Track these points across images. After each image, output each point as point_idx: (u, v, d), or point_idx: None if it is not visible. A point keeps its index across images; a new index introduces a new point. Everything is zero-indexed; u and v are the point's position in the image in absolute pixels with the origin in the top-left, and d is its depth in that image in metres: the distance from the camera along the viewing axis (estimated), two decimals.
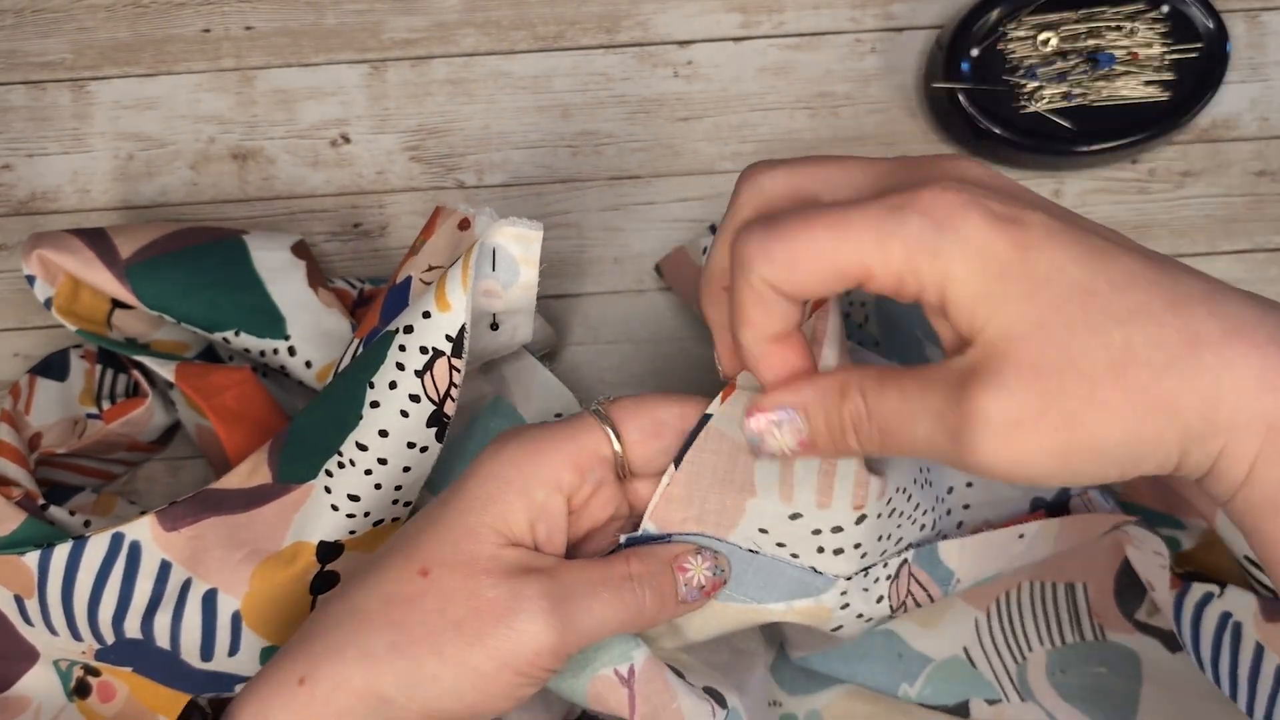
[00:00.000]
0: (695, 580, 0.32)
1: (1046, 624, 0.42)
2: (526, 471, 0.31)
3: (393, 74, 0.50)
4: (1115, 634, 0.42)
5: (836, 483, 0.32)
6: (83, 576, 0.39)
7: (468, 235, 0.39)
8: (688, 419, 0.32)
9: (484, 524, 0.30)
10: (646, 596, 0.31)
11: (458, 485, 0.32)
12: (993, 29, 0.47)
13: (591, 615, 0.30)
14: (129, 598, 0.39)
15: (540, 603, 0.29)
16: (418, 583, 0.30)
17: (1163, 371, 0.23)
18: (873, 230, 0.24)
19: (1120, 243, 0.25)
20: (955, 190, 0.24)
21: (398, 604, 0.30)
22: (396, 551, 0.31)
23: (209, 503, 0.39)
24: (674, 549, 0.32)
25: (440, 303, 0.36)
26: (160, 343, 0.45)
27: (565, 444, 0.31)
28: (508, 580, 0.30)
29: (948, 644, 0.42)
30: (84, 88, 0.50)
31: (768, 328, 0.27)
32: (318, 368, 0.43)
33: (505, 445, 0.32)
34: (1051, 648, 0.42)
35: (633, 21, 0.50)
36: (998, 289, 0.24)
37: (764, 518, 0.32)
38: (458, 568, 0.30)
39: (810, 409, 0.27)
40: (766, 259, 0.25)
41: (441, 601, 0.29)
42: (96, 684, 0.42)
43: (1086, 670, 0.42)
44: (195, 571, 0.38)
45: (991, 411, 0.24)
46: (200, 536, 0.39)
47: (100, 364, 0.46)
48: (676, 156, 0.50)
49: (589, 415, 0.32)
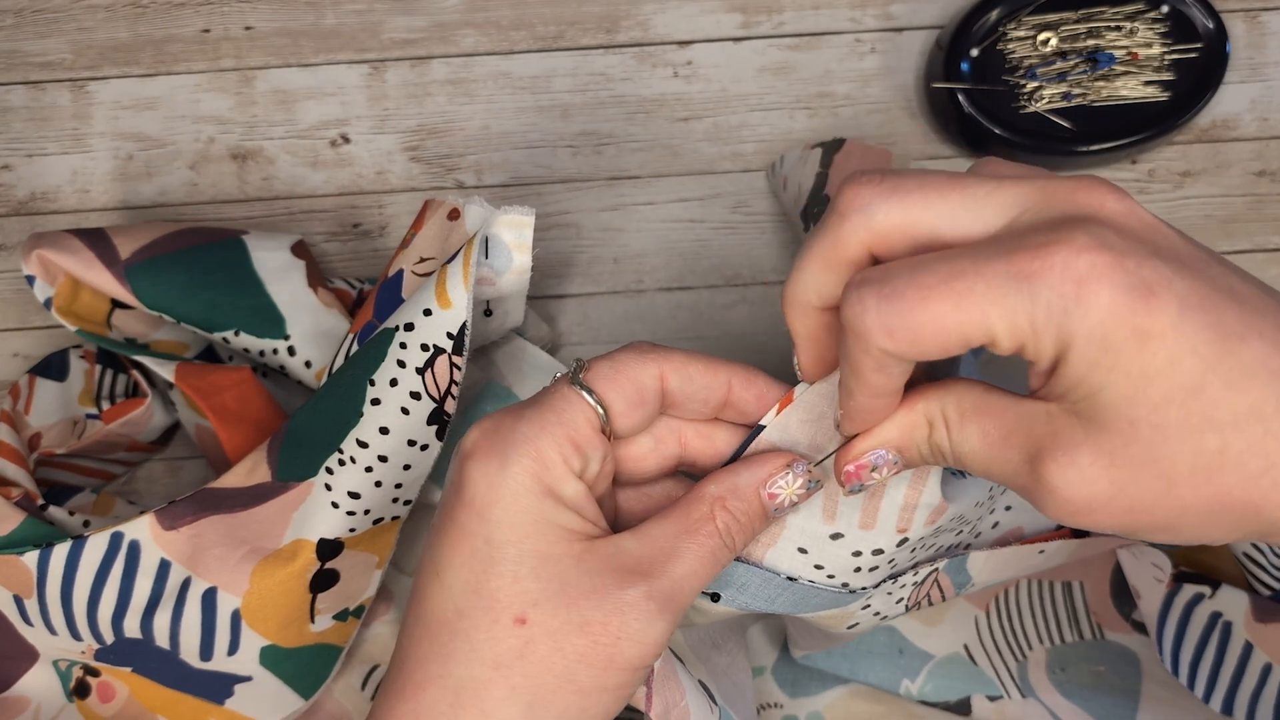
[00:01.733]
0: (786, 502, 0.30)
1: (1045, 622, 0.42)
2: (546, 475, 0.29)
3: (392, 74, 0.50)
4: (1114, 633, 0.42)
5: (883, 506, 0.31)
6: (82, 576, 0.39)
7: (458, 225, 0.39)
8: (670, 375, 0.30)
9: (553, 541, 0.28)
10: (736, 539, 0.30)
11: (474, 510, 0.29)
12: (992, 29, 0.47)
13: (692, 590, 0.29)
14: (128, 597, 0.39)
15: (649, 606, 0.28)
16: (519, 634, 0.28)
17: (1256, 478, 0.23)
18: (1000, 303, 0.23)
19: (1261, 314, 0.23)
20: (1092, 252, 0.22)
21: (511, 664, 0.28)
22: (467, 612, 0.28)
23: (208, 501, 0.39)
24: (760, 469, 0.30)
25: (441, 300, 0.35)
26: (160, 343, 0.45)
27: (561, 428, 0.29)
28: (610, 595, 0.28)
29: (948, 641, 0.43)
30: (83, 88, 0.50)
31: (887, 388, 0.26)
32: (317, 367, 0.43)
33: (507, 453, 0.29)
34: (1051, 645, 0.42)
35: (632, 21, 0.50)
36: (1104, 373, 0.23)
37: (804, 536, 0.31)
38: (554, 601, 0.28)
39: (903, 447, 0.27)
40: (887, 335, 0.23)
41: (554, 642, 0.28)
42: (96, 684, 0.42)
43: (1086, 668, 0.42)
44: (194, 570, 0.38)
45: (1061, 485, 0.24)
46: (199, 535, 0.38)
47: (100, 364, 0.46)
48: (676, 156, 0.50)
49: (570, 389, 0.29)
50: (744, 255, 0.50)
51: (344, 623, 0.41)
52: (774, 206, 0.50)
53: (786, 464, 0.30)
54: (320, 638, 0.41)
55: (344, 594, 0.40)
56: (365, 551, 0.40)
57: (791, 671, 0.43)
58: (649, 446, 0.31)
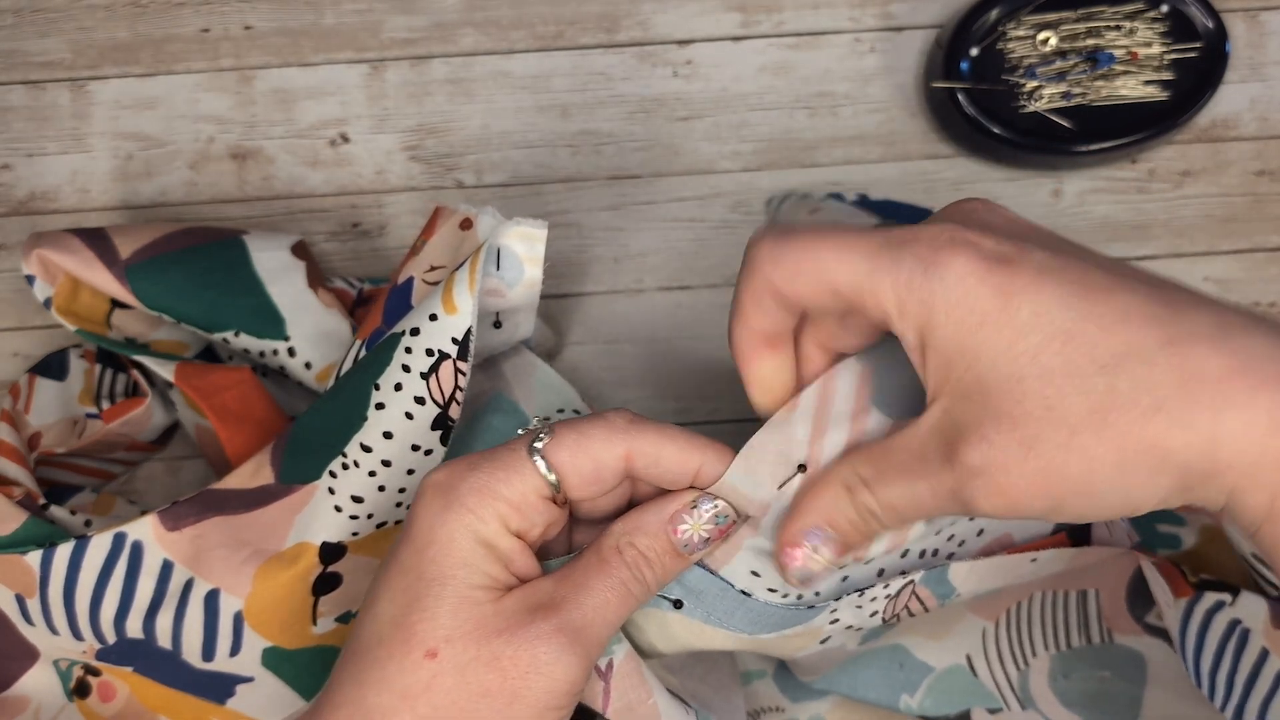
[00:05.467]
0: (695, 538, 0.30)
1: (1054, 630, 0.41)
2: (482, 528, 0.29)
3: (392, 74, 0.50)
4: (1123, 637, 0.41)
5: None
6: (85, 576, 0.39)
7: (470, 235, 0.39)
8: (630, 461, 0.30)
9: (472, 588, 0.29)
10: (649, 578, 0.30)
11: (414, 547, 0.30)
12: (992, 29, 0.47)
13: (605, 623, 0.30)
14: (131, 597, 0.38)
15: (558, 639, 0.29)
16: (428, 667, 0.29)
17: (1150, 414, 0.23)
18: (870, 260, 0.25)
19: (1127, 278, 0.24)
20: (951, 230, 0.25)
21: (417, 695, 0.28)
22: (386, 642, 0.29)
23: (211, 503, 0.39)
24: (666, 507, 0.31)
25: (447, 305, 0.35)
26: (160, 343, 0.45)
27: (508, 489, 0.30)
28: (520, 631, 0.29)
29: (950, 653, 0.42)
30: (83, 87, 0.50)
31: (760, 325, 0.28)
32: (317, 369, 0.43)
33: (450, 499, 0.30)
34: (1056, 652, 0.41)
35: (632, 21, 0.50)
36: (975, 342, 0.24)
37: (758, 561, 0.32)
38: (467, 638, 0.29)
39: (832, 520, 0.28)
40: (773, 262, 0.27)
41: (461, 676, 0.28)
42: (96, 684, 0.42)
43: (1090, 674, 0.41)
44: (197, 571, 0.38)
45: (976, 462, 0.25)
46: (202, 536, 0.38)
47: (100, 364, 0.46)
48: (676, 156, 0.50)
49: (525, 455, 0.30)
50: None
51: (346, 625, 0.41)
52: None
53: (692, 501, 0.30)
54: (322, 640, 0.41)
55: (347, 597, 0.40)
56: (368, 555, 0.40)
57: (792, 677, 0.43)
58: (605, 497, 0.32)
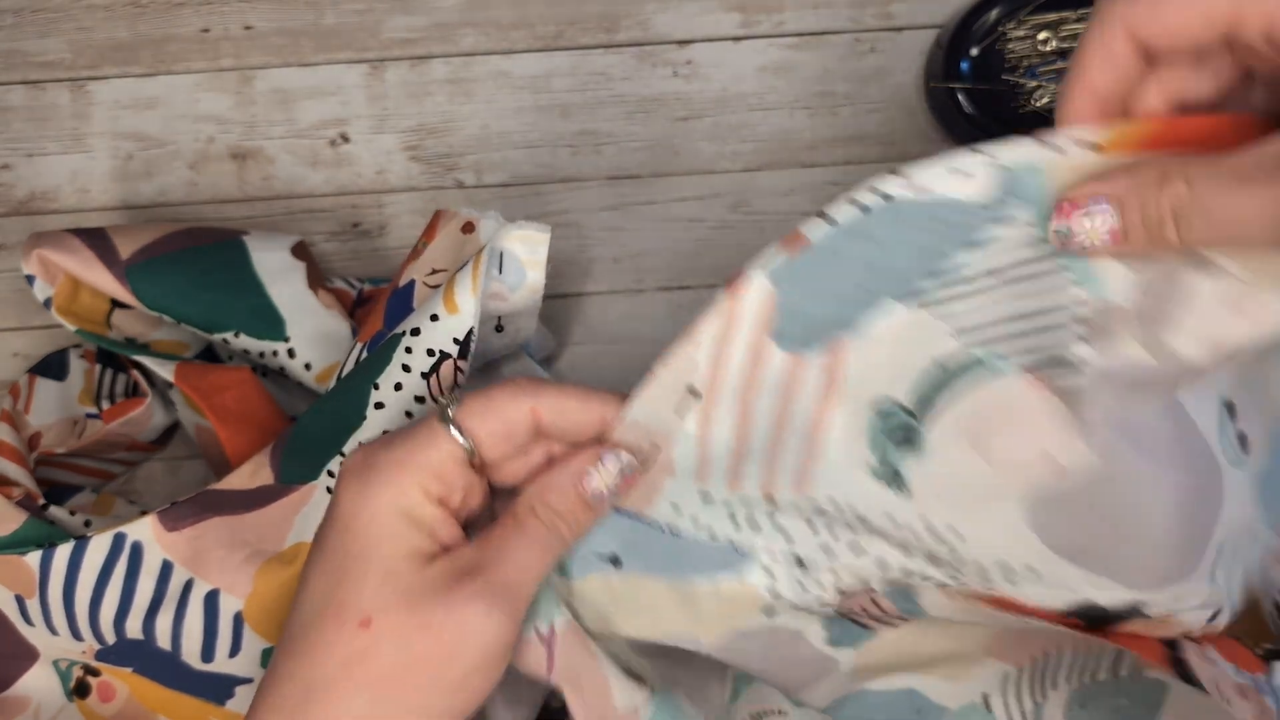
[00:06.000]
0: (599, 487, 0.32)
1: (1080, 670, 0.37)
2: (403, 499, 0.31)
3: (392, 74, 0.50)
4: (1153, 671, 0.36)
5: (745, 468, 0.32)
6: (84, 576, 0.39)
7: (472, 239, 0.40)
8: (543, 410, 0.32)
9: (397, 558, 0.30)
10: (564, 532, 0.32)
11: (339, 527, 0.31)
12: (992, 29, 0.47)
13: (528, 580, 0.31)
14: (130, 598, 0.39)
15: (485, 600, 0.30)
16: (364, 636, 0.30)
17: None
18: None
19: None
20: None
21: (355, 663, 0.30)
22: (321, 616, 0.30)
23: (210, 503, 0.39)
24: (573, 463, 0.32)
25: (449, 305, 0.36)
26: (159, 343, 0.45)
27: (424, 457, 0.31)
28: (448, 595, 0.30)
29: (968, 692, 0.39)
30: (83, 87, 0.50)
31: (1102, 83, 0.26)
32: (317, 370, 0.43)
33: (368, 476, 0.31)
34: (1080, 685, 0.38)
35: (632, 21, 0.50)
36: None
37: (679, 496, 0.33)
38: (397, 607, 0.30)
39: (1125, 199, 0.26)
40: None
41: (396, 642, 0.30)
42: (96, 684, 0.42)
43: (1107, 703, 0.37)
44: (196, 572, 0.38)
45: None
46: (201, 537, 0.39)
47: (100, 364, 0.46)
48: (676, 156, 0.50)
49: (437, 425, 0.31)
50: (744, 255, 0.49)
51: None
52: (773, 206, 0.50)
53: (597, 457, 0.32)
54: None
55: None
56: None
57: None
58: (520, 461, 0.33)
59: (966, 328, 0.30)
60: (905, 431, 0.31)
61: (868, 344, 0.30)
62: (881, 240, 0.30)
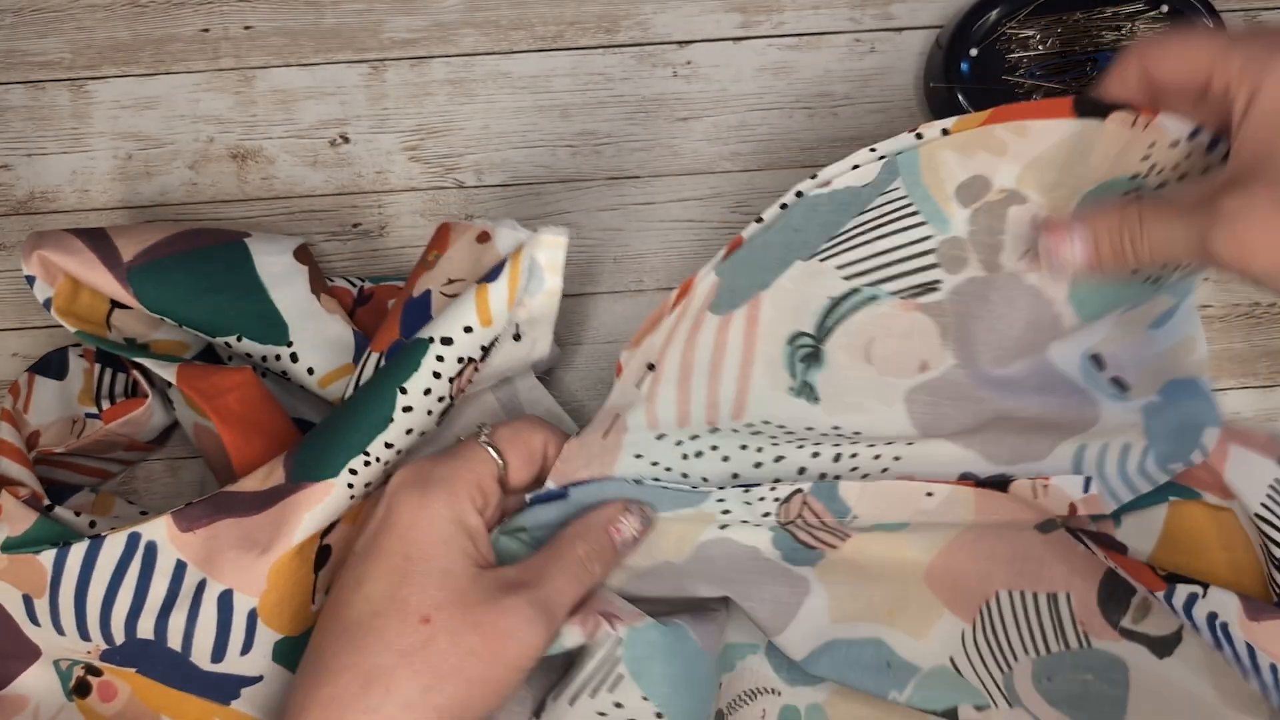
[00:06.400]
0: (628, 534, 0.39)
1: (1030, 634, 0.42)
2: (456, 507, 0.36)
3: (392, 74, 0.50)
4: (1101, 641, 0.42)
5: (692, 409, 0.40)
6: (98, 575, 0.39)
7: (489, 248, 0.41)
8: (551, 446, 0.40)
9: (454, 562, 0.35)
10: (596, 569, 0.38)
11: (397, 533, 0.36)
12: (992, 29, 0.47)
13: (563, 602, 0.37)
14: (144, 597, 0.39)
15: (529, 612, 0.35)
16: (424, 630, 0.34)
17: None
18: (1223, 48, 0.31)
19: None
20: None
21: (414, 653, 0.34)
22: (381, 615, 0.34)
23: (223, 505, 0.39)
24: (606, 513, 0.39)
25: (483, 316, 0.39)
26: (159, 343, 0.45)
27: (471, 474, 0.37)
28: (498, 603, 0.35)
29: (935, 654, 0.42)
30: (83, 87, 0.50)
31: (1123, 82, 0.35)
32: (320, 374, 0.44)
33: (427, 488, 0.36)
34: (1037, 656, 0.42)
35: (632, 21, 0.50)
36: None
37: (637, 446, 0.40)
38: (454, 606, 0.35)
39: (1097, 227, 0.34)
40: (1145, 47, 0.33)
41: (452, 638, 0.34)
42: (97, 684, 0.42)
43: (1073, 677, 0.42)
44: (209, 572, 0.39)
45: (1230, 207, 0.29)
46: (215, 538, 0.39)
47: (100, 363, 0.46)
48: (676, 156, 0.50)
49: (480, 445, 0.38)
50: None
51: None
52: None
53: (623, 508, 0.39)
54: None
55: (332, 567, 0.41)
56: (348, 524, 0.41)
57: (785, 656, 0.43)
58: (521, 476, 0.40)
59: (850, 269, 0.39)
60: (811, 352, 0.40)
61: (778, 292, 0.40)
62: (799, 227, 0.39)
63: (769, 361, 0.40)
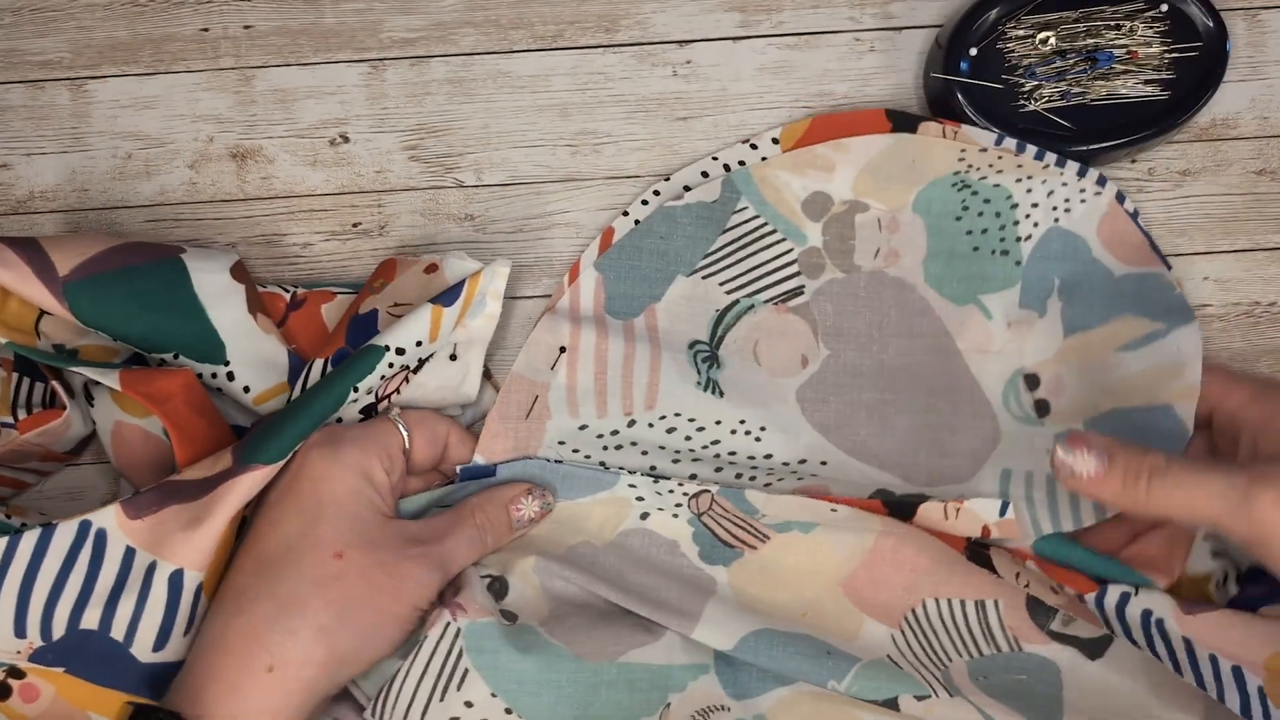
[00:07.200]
0: (525, 515, 0.43)
1: (961, 639, 0.43)
2: (365, 464, 0.40)
3: (392, 73, 0.50)
4: (1031, 645, 0.43)
5: (609, 400, 0.45)
6: (48, 563, 0.39)
7: (437, 277, 0.44)
8: (453, 434, 0.44)
9: (364, 509, 0.39)
10: (489, 539, 0.43)
11: (311, 478, 0.40)
12: (992, 28, 0.47)
13: (457, 560, 0.41)
14: (93, 584, 0.39)
15: (428, 561, 0.40)
16: (336, 564, 0.38)
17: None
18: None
19: None
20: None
21: (329, 584, 0.38)
22: (296, 549, 0.38)
23: (171, 492, 0.40)
24: (510, 491, 0.43)
25: (433, 334, 0.43)
26: (88, 348, 0.44)
27: (380, 440, 0.41)
28: (402, 550, 0.39)
29: (872, 653, 0.43)
30: (82, 87, 0.50)
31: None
32: (255, 392, 0.45)
33: (339, 445, 0.40)
34: (970, 658, 0.42)
35: (631, 21, 0.50)
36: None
37: (560, 433, 0.45)
38: (364, 546, 0.39)
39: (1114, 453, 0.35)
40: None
41: (361, 573, 0.38)
42: (18, 685, 0.41)
43: (1007, 677, 0.42)
44: (159, 554, 0.39)
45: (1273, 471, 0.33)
46: (163, 524, 0.40)
47: (17, 372, 0.45)
48: (675, 156, 0.50)
49: (389, 419, 0.43)
50: None
51: None
52: None
53: (526, 490, 0.43)
54: None
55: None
56: None
57: (732, 670, 0.43)
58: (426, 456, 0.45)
59: (730, 284, 0.47)
60: (709, 356, 0.46)
61: (670, 305, 0.47)
62: (664, 235, 0.47)
63: (676, 359, 0.46)
